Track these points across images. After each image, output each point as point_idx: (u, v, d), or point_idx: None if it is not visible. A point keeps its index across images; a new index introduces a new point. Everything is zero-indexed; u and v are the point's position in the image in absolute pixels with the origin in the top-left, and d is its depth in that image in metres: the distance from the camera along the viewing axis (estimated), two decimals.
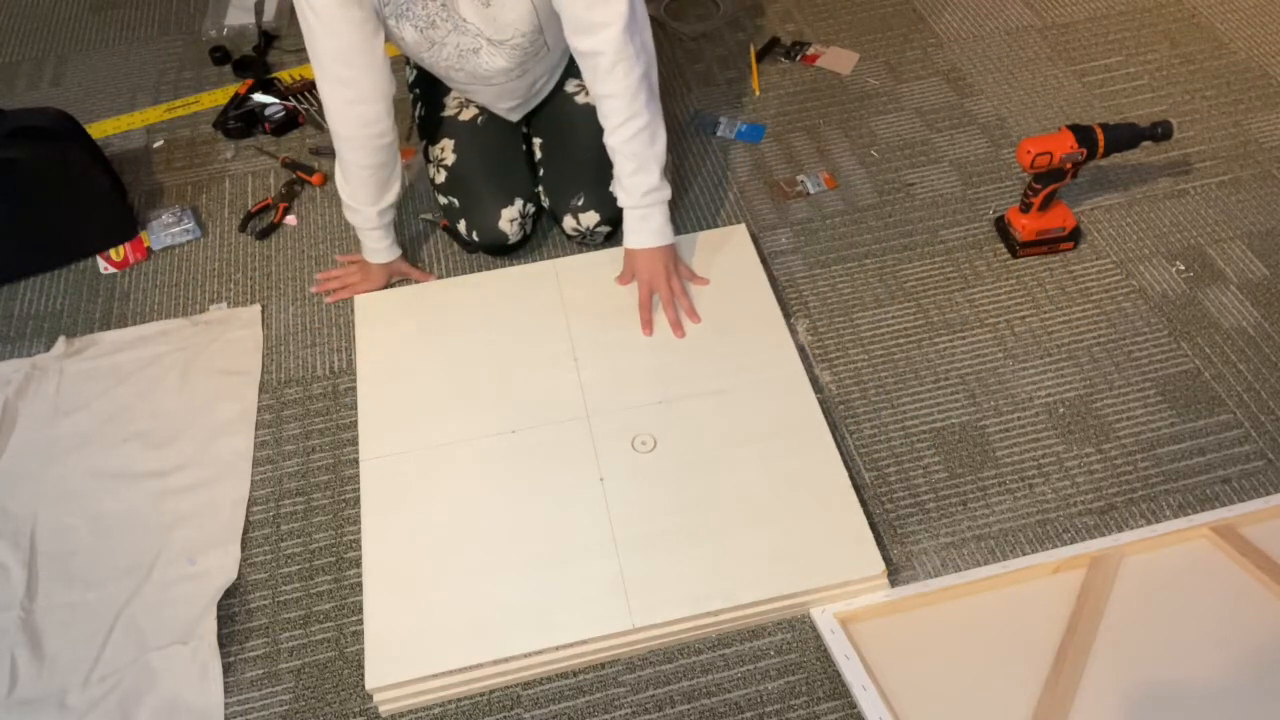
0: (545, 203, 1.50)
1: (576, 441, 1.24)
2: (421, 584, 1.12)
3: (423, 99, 1.56)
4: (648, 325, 1.36)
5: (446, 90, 1.54)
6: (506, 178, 1.47)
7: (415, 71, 1.58)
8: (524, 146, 1.53)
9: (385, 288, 1.47)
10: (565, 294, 1.42)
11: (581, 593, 1.10)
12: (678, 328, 1.36)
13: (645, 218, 1.34)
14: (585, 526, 1.16)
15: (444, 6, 1.27)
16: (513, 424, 1.26)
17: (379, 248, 1.44)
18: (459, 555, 1.14)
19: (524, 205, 1.47)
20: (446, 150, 1.48)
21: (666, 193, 1.34)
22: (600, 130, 1.36)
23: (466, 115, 1.49)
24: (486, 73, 1.37)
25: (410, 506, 1.19)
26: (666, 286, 1.37)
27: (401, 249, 1.48)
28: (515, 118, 1.52)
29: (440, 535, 1.16)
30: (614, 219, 1.47)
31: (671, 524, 1.16)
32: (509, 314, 1.40)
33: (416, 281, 1.48)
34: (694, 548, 1.13)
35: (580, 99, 1.48)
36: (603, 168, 1.43)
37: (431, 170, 1.51)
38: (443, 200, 1.50)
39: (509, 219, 1.45)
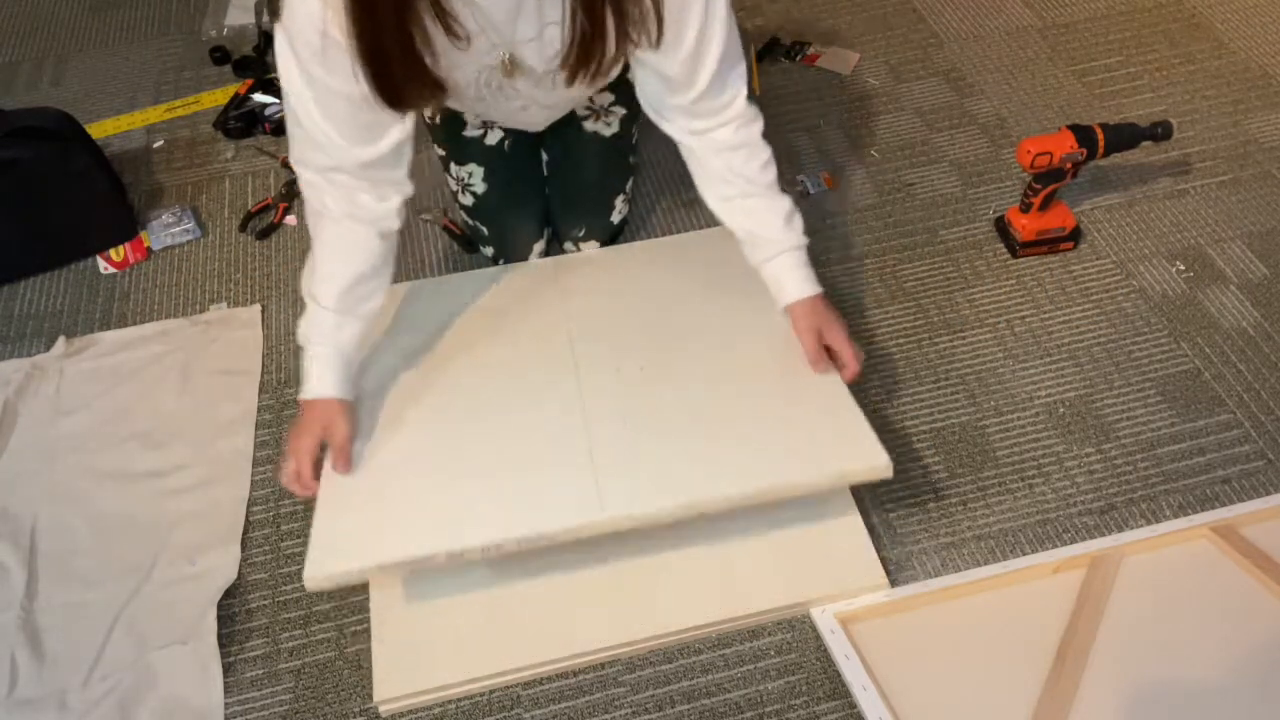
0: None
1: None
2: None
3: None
4: (824, 361, 1.15)
5: None
6: (533, 207, 1.46)
7: None
8: (541, 166, 1.50)
9: (321, 450, 1.11)
10: (561, 290, 1.38)
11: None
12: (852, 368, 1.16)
13: (807, 261, 1.17)
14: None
15: (500, 88, 1.15)
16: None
17: (317, 373, 1.10)
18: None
19: (549, 233, 1.48)
20: (475, 177, 1.43)
21: None
22: (604, 158, 1.33)
23: (492, 139, 1.42)
24: (525, 120, 1.31)
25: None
26: (842, 329, 1.16)
27: (351, 395, 1.13)
28: (537, 130, 1.44)
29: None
30: (609, 240, 1.48)
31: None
32: (501, 308, 1.35)
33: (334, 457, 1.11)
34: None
35: (588, 125, 1.42)
36: (603, 196, 1.44)
37: (454, 186, 1.46)
38: (469, 221, 1.48)
39: (538, 250, 1.46)
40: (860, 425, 1.09)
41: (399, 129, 1.07)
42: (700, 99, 1.10)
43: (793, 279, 1.16)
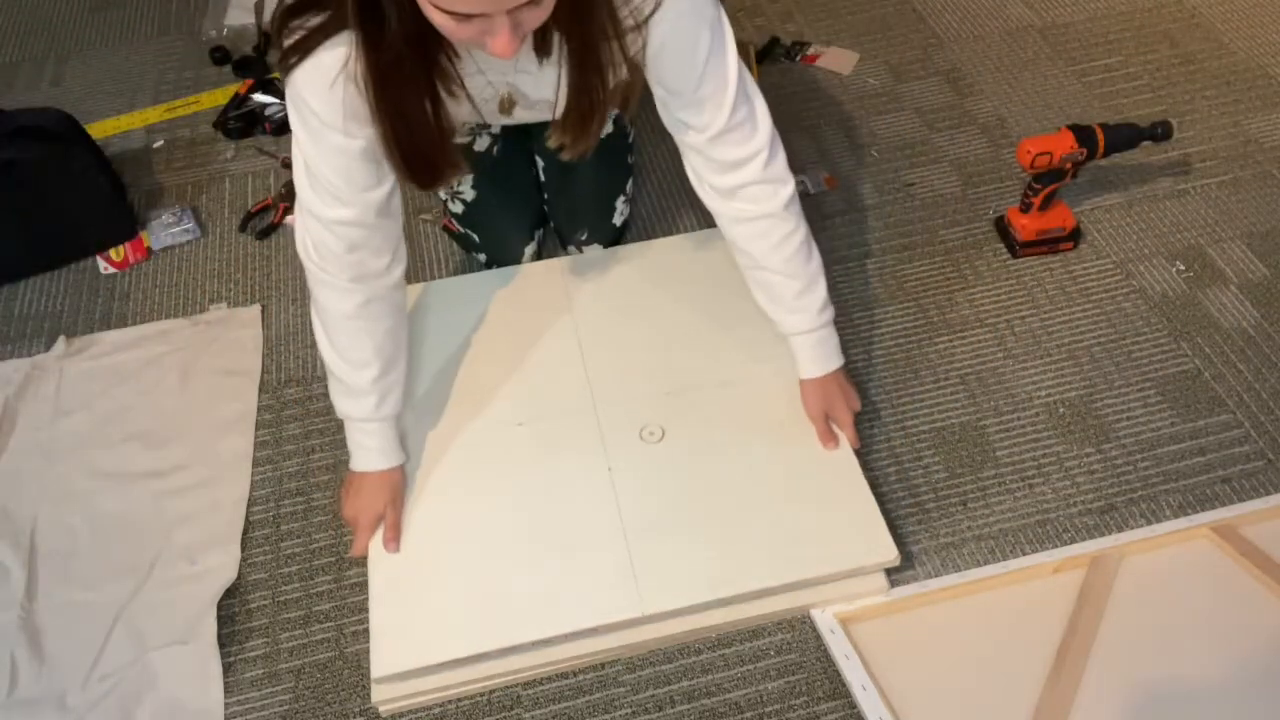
0: (549, 220, 1.50)
1: (584, 432, 1.23)
2: (427, 574, 1.12)
3: None
4: (832, 440, 1.20)
5: None
6: (524, 212, 1.46)
7: None
8: (532, 168, 1.49)
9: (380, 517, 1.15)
10: (570, 291, 1.41)
11: (590, 580, 1.10)
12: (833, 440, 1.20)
13: (823, 340, 1.18)
14: (593, 515, 1.15)
15: (493, 114, 1.16)
16: (519, 417, 1.26)
17: (374, 446, 1.15)
18: (465, 545, 1.14)
19: (541, 234, 1.48)
20: (464, 184, 1.44)
21: (831, 308, 1.18)
22: (602, 159, 1.30)
23: (481, 145, 1.43)
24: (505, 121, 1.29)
25: (416, 499, 1.19)
26: (847, 412, 1.21)
27: (405, 457, 1.18)
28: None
29: (446, 526, 1.16)
30: (613, 242, 1.48)
31: (680, 512, 1.15)
32: (512, 311, 1.40)
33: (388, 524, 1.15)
34: (703, 535, 1.13)
35: None
36: (603, 200, 1.44)
37: (444, 194, 1.47)
38: (460, 229, 1.48)
39: (530, 253, 1.46)
40: (871, 513, 1.14)
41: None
42: (730, 145, 1.09)
43: (802, 358, 1.20)
